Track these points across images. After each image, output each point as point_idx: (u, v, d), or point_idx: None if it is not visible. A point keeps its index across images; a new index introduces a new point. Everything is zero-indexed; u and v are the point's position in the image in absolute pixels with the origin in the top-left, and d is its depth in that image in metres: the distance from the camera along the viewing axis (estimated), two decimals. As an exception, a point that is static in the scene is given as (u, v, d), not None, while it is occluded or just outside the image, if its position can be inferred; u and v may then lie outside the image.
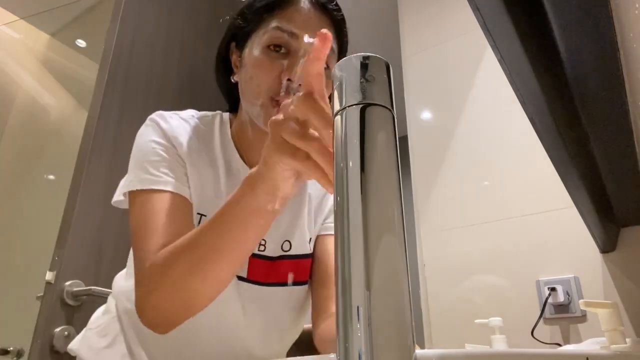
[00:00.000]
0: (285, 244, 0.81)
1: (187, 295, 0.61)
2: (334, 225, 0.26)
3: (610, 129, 0.71)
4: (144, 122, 0.78)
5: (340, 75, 0.29)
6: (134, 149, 0.75)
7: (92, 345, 0.79)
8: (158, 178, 0.70)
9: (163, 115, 0.78)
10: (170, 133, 0.75)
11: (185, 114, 0.81)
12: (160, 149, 0.73)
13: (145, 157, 0.72)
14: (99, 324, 0.82)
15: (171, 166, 0.72)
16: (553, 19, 0.52)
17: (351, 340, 0.22)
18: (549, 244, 1.36)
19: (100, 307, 0.90)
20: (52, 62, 2.44)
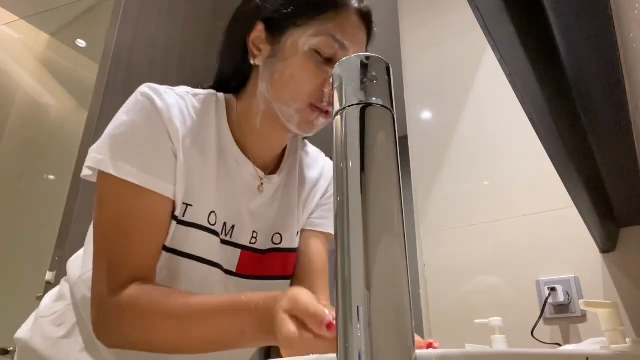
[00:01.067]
0: (276, 236, 0.80)
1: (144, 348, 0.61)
2: (333, 225, 0.26)
3: (610, 129, 0.71)
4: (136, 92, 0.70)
5: (340, 75, 0.29)
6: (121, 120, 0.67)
7: (46, 334, 0.72)
8: (144, 174, 0.63)
9: (158, 90, 0.69)
10: (166, 115, 0.67)
11: (180, 90, 0.74)
12: (152, 136, 0.66)
13: (132, 142, 0.65)
14: (53, 311, 0.75)
15: (162, 158, 0.66)
16: (553, 19, 0.52)
17: (351, 340, 0.22)
18: (549, 244, 1.36)
19: (51, 291, 0.83)
20: (52, 62, 2.44)
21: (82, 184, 1.33)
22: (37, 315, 0.77)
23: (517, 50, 0.54)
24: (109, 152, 0.64)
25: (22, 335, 0.76)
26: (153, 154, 0.65)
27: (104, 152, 0.64)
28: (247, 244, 0.76)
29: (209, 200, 0.70)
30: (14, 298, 1.82)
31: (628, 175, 0.85)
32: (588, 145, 0.77)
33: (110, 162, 0.63)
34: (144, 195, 0.63)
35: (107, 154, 0.64)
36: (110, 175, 0.62)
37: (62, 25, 2.40)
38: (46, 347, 0.70)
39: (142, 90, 0.69)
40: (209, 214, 0.70)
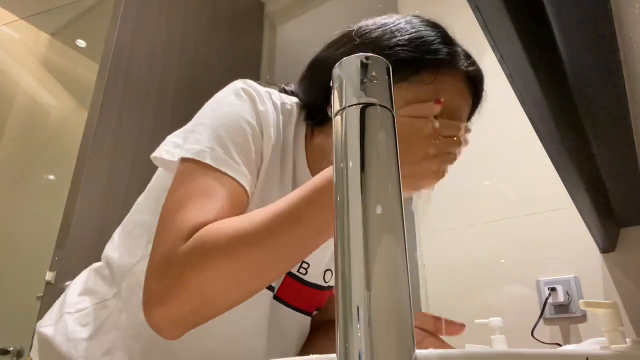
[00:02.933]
0: (328, 273, 0.76)
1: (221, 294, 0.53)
2: (334, 226, 0.26)
3: (610, 129, 0.71)
4: (235, 86, 0.66)
5: (340, 75, 0.29)
6: (216, 111, 0.63)
7: (69, 334, 0.67)
8: (237, 165, 0.60)
9: (259, 91, 0.65)
10: (264, 119, 0.64)
11: (276, 97, 0.69)
12: (250, 134, 0.62)
13: (230, 134, 0.61)
14: (79, 308, 0.70)
15: (252, 159, 0.62)
16: (553, 19, 0.52)
17: (351, 340, 0.22)
18: (549, 244, 1.36)
19: (74, 282, 0.76)
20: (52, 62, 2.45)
21: (82, 184, 1.33)
22: (62, 310, 0.71)
23: (517, 50, 0.54)
24: (208, 142, 0.60)
25: (45, 330, 0.70)
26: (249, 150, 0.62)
27: (203, 143, 0.60)
28: (295, 272, 0.72)
29: None
30: (14, 298, 1.82)
31: (628, 175, 0.85)
32: (588, 145, 0.77)
33: (209, 153, 0.59)
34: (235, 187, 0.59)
35: (207, 144, 0.59)
36: (206, 165, 0.58)
37: (62, 25, 2.40)
38: (68, 348, 0.66)
39: (242, 86, 0.65)
40: None
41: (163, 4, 1.78)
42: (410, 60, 0.61)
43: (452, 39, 0.67)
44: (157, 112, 1.60)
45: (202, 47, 1.92)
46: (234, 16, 2.18)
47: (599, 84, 0.61)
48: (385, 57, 0.61)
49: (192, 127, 0.64)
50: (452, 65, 0.63)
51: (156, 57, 1.69)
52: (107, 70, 1.49)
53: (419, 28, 0.65)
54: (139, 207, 0.74)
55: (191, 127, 0.64)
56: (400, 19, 0.67)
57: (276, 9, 2.43)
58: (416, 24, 0.66)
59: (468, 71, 0.65)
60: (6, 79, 2.32)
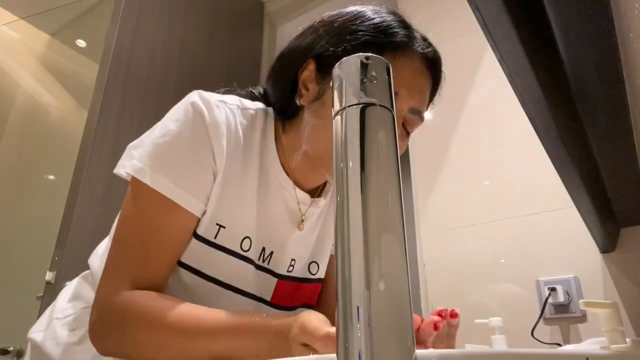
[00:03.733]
0: (313, 265, 0.76)
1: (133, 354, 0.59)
2: (334, 226, 0.26)
3: (610, 129, 0.71)
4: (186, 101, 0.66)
5: (340, 75, 0.29)
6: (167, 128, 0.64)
7: (59, 339, 0.69)
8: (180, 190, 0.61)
9: (209, 102, 0.66)
10: (212, 131, 0.64)
11: (232, 103, 0.70)
12: (196, 152, 0.63)
13: (175, 155, 0.62)
14: (67, 314, 0.72)
15: (200, 177, 0.63)
16: (553, 19, 0.52)
17: (351, 340, 0.22)
18: (549, 244, 1.36)
19: (65, 289, 0.79)
20: (52, 62, 2.44)
21: (82, 184, 1.34)
22: (51, 316, 0.73)
23: (517, 50, 0.54)
24: (149, 160, 0.62)
25: (35, 336, 0.72)
26: (193, 170, 0.63)
27: (144, 161, 0.62)
28: (284, 273, 0.73)
29: (244, 224, 0.67)
30: (14, 298, 1.82)
31: (628, 175, 0.85)
32: (588, 145, 0.77)
33: (148, 172, 0.61)
34: (174, 210, 0.61)
35: (147, 162, 0.62)
36: (145, 185, 0.61)
37: (62, 25, 2.40)
38: (58, 353, 0.68)
39: (192, 100, 0.65)
40: (242, 239, 0.67)
41: (163, 3, 1.78)
42: (370, 44, 0.63)
43: (409, 24, 0.70)
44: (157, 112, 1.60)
45: (202, 47, 1.92)
46: (234, 16, 2.18)
47: (598, 84, 0.61)
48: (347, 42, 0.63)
49: (143, 140, 0.66)
50: (409, 46, 0.65)
51: (156, 57, 1.69)
52: (107, 70, 1.49)
53: (378, 14, 0.67)
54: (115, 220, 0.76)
55: (143, 140, 0.66)
56: (361, 7, 0.69)
57: (276, 9, 2.43)
58: (376, 11, 0.68)
59: (425, 52, 0.67)
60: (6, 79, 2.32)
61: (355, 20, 0.65)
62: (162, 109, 0.79)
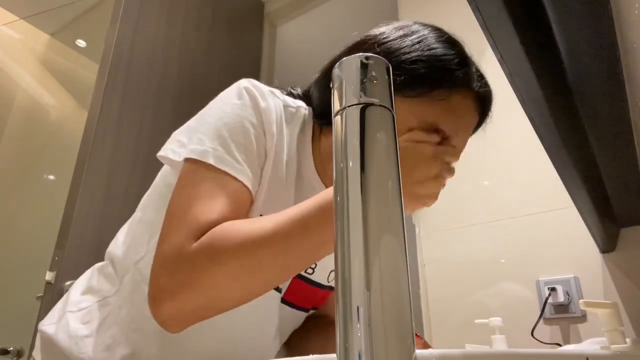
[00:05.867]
0: (332, 274, 0.77)
1: (228, 294, 0.55)
2: (334, 226, 0.26)
3: (610, 129, 0.71)
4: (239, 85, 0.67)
5: (340, 75, 0.29)
6: (220, 111, 0.65)
7: (71, 332, 0.68)
8: (240, 165, 0.61)
9: (261, 89, 0.67)
10: (266, 117, 0.65)
11: (279, 97, 0.70)
12: (252, 132, 0.63)
13: (232, 134, 0.62)
14: (81, 307, 0.71)
15: (254, 158, 0.63)
16: (553, 19, 0.52)
17: (351, 340, 0.22)
18: (549, 244, 1.36)
19: (78, 281, 0.77)
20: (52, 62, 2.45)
21: (82, 184, 1.34)
22: (64, 309, 0.72)
23: (517, 50, 0.54)
24: (211, 143, 0.61)
25: (47, 329, 0.71)
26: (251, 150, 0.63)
27: (206, 144, 0.61)
28: (302, 273, 0.73)
29: None
30: (14, 298, 1.82)
31: (628, 175, 0.85)
32: (588, 145, 0.77)
33: (211, 153, 0.60)
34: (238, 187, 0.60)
35: (209, 144, 0.61)
36: (207, 165, 0.60)
37: (62, 25, 2.40)
38: (70, 346, 0.67)
39: (245, 85, 0.66)
40: None
41: (163, 4, 1.78)
42: (427, 78, 0.63)
43: (469, 58, 0.69)
44: (157, 112, 1.61)
45: (202, 47, 1.92)
46: (234, 16, 2.18)
47: (599, 84, 0.61)
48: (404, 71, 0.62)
49: (196, 126, 0.65)
50: (466, 85, 0.65)
51: (156, 57, 1.69)
52: (107, 70, 1.49)
53: (437, 45, 0.66)
54: (144, 204, 0.75)
55: (195, 126, 0.65)
56: (421, 30, 0.68)
57: (276, 9, 2.43)
58: (436, 39, 0.67)
59: (479, 92, 0.68)
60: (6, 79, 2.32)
61: (414, 47, 0.65)
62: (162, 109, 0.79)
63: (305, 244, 0.54)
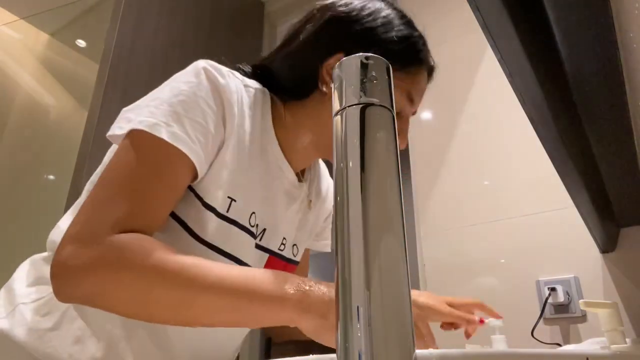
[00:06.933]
0: (294, 248, 0.78)
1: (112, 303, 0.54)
2: (332, 226, 0.26)
3: (610, 129, 0.71)
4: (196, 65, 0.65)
5: (340, 75, 0.29)
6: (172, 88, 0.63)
7: (31, 325, 0.62)
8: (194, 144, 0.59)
9: (219, 68, 0.66)
10: (226, 97, 0.64)
11: (238, 77, 0.70)
12: (209, 114, 0.62)
13: (187, 111, 0.60)
14: (35, 298, 0.65)
15: (209, 141, 0.62)
16: (553, 19, 0.52)
17: (351, 340, 0.22)
18: (549, 244, 1.36)
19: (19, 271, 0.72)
20: (52, 62, 2.44)
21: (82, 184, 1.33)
22: (13, 302, 0.66)
23: (517, 50, 0.54)
24: (164, 117, 0.59)
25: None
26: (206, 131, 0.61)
27: (159, 117, 0.59)
28: (275, 250, 0.74)
29: (252, 200, 0.67)
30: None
31: (628, 175, 0.85)
32: (588, 145, 0.77)
33: (164, 127, 0.58)
34: (183, 164, 0.59)
35: (162, 118, 0.59)
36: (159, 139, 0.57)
37: (62, 25, 2.40)
38: (32, 341, 0.61)
39: (203, 65, 0.65)
40: (251, 214, 0.67)
41: (163, 4, 1.78)
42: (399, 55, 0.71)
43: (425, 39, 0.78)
44: (157, 112, 1.60)
45: (202, 47, 1.92)
46: (234, 16, 2.18)
47: (599, 83, 0.61)
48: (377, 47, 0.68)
49: (146, 102, 0.63)
50: (428, 62, 0.76)
51: (156, 57, 1.69)
52: (107, 70, 1.49)
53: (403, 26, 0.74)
54: (87, 188, 0.73)
55: (146, 102, 0.63)
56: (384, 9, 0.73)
57: (276, 9, 2.43)
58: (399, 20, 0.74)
59: (433, 66, 0.78)
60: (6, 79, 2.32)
61: (385, 26, 0.71)
62: (162, 109, 0.79)
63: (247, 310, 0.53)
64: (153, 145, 0.58)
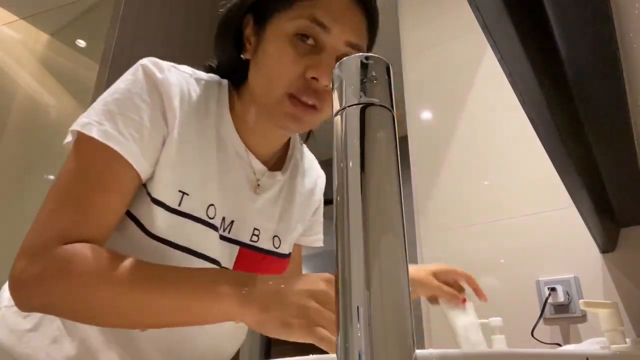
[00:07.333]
0: (276, 239, 0.76)
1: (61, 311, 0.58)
2: (334, 226, 0.26)
3: (610, 129, 0.71)
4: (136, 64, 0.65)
5: (340, 75, 0.29)
6: (112, 89, 0.63)
7: (12, 327, 0.65)
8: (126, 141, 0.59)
9: (159, 64, 0.66)
10: (163, 89, 0.63)
11: (185, 69, 0.70)
12: (143, 107, 0.62)
13: (120, 109, 0.61)
14: None
15: (149, 136, 0.62)
16: (553, 19, 0.52)
17: (351, 340, 0.22)
18: (549, 244, 1.36)
19: None
20: (52, 62, 2.44)
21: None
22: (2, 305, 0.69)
23: (517, 50, 0.54)
24: (96, 116, 0.60)
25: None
26: (142, 126, 0.61)
27: (92, 117, 0.60)
28: (247, 241, 0.72)
29: (208, 192, 0.66)
30: (14, 298, 1.82)
31: (628, 175, 0.85)
32: (588, 145, 0.77)
33: (95, 126, 0.59)
34: (119, 162, 0.60)
35: (95, 117, 0.60)
36: (91, 139, 0.59)
37: (62, 25, 2.40)
38: (12, 341, 0.64)
39: (143, 62, 0.65)
40: (208, 207, 0.66)
41: (163, 3, 1.78)
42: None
43: None
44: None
45: (202, 47, 1.92)
46: (234, 16, 2.18)
47: (599, 83, 0.61)
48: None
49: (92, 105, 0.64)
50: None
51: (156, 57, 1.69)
52: (107, 70, 1.49)
53: None
54: None
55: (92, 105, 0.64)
56: None
57: (276, 9, 2.42)
58: None
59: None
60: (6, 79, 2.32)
61: None
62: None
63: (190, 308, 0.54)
64: (89, 147, 0.60)
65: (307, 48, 0.63)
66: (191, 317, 0.56)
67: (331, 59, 0.63)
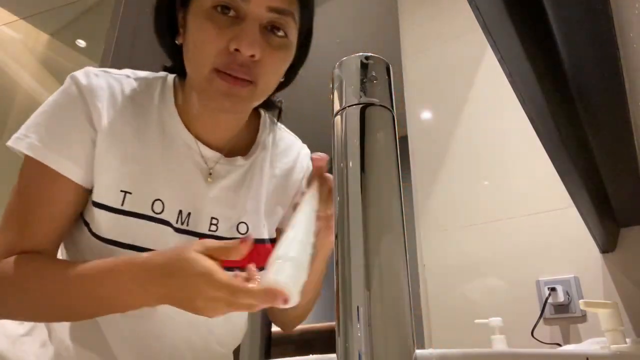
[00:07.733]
0: (241, 225, 0.74)
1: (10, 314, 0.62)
2: (333, 226, 0.26)
3: (610, 129, 0.71)
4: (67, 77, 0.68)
5: (340, 75, 0.29)
6: (47, 100, 0.67)
7: (7, 332, 0.68)
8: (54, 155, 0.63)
9: (88, 71, 0.68)
10: (88, 93, 0.65)
11: (119, 73, 0.71)
12: (68, 117, 0.64)
13: (45, 120, 0.64)
14: None
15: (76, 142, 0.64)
16: (553, 19, 0.52)
17: (351, 340, 0.22)
18: (549, 244, 1.36)
19: None
20: (52, 62, 2.44)
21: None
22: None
23: (517, 50, 0.54)
24: (25, 130, 0.64)
25: None
26: (65, 135, 0.63)
27: (22, 131, 0.64)
28: (205, 232, 0.70)
29: (152, 188, 0.66)
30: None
31: (628, 175, 0.85)
32: (588, 145, 0.77)
33: (24, 140, 0.63)
34: (49, 174, 0.63)
35: (24, 131, 0.64)
36: (26, 154, 0.63)
37: (62, 25, 2.39)
38: (7, 346, 0.67)
39: (72, 74, 0.67)
40: (153, 202, 0.66)
41: (163, 4, 1.78)
42: None
43: None
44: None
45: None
46: (234, 16, 2.18)
47: (599, 83, 0.61)
48: None
49: None
50: None
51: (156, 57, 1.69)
52: (107, 70, 1.49)
53: None
54: None
55: None
56: None
57: (276, 9, 2.42)
58: None
59: None
60: (6, 79, 2.32)
61: None
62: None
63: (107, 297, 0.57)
64: (25, 163, 0.64)
65: (229, 20, 0.60)
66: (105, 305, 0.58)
67: (254, 28, 0.60)
